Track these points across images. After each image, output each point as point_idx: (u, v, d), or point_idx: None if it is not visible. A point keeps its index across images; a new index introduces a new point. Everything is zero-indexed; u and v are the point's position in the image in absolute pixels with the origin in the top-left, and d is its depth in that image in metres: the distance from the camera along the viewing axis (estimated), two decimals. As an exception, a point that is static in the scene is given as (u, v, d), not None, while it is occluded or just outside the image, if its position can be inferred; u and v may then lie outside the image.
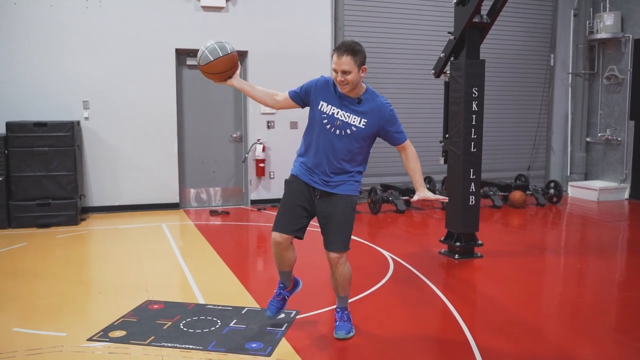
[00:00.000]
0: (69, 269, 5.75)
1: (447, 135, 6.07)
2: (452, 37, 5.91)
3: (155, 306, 4.45)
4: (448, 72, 6.05)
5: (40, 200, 7.56)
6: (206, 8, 8.76)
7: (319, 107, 3.66)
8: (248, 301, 4.64)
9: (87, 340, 3.81)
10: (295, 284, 4.16)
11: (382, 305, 4.62)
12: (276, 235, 3.70)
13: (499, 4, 5.78)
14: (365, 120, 3.61)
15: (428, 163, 9.84)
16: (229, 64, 3.63)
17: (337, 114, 3.60)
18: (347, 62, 3.47)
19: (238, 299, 4.68)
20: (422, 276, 5.35)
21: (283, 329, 3.99)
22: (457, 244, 5.99)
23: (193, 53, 8.81)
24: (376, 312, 4.45)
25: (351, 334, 3.89)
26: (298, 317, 4.25)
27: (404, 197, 8.86)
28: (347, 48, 3.52)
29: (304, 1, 9.26)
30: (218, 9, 8.82)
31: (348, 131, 3.60)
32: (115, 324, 4.08)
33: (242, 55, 9.15)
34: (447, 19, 9.24)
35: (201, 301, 4.61)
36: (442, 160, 6.20)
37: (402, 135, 3.79)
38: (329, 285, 5.28)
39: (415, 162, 3.87)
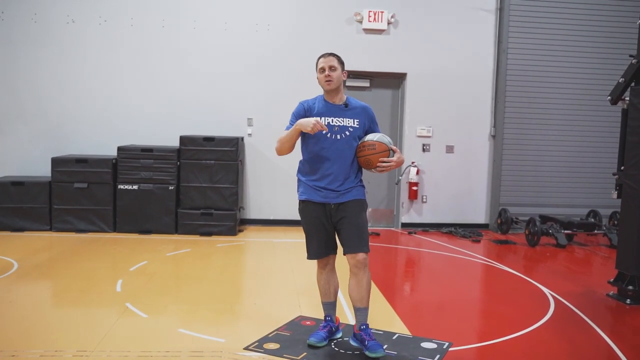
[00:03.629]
0: (228, 277, 6.04)
1: (622, 168, 5.57)
2: (634, 61, 5.44)
3: (307, 322, 4.49)
4: (627, 98, 5.57)
5: (204, 210, 8.05)
6: (368, 31, 8.90)
7: None
8: (398, 326, 4.53)
9: (243, 348, 3.93)
10: (338, 328, 4.22)
11: (544, 346, 4.29)
12: (318, 263, 4.08)
13: (692, 25, 5.25)
14: (358, 120, 3.93)
15: (597, 196, 9.21)
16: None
17: (332, 122, 3.88)
18: (332, 60, 3.90)
19: (388, 324, 4.59)
20: (587, 319, 4.92)
21: (435, 359, 3.85)
22: (630, 287, 5.44)
23: (353, 74, 8.94)
24: (537, 354, 4.14)
25: (384, 351, 3.83)
26: (450, 349, 4.08)
27: (566, 231, 8.28)
28: (330, 52, 3.99)
29: (466, 23, 9.09)
30: (379, 31, 8.92)
31: (347, 132, 3.88)
32: (270, 336, 4.17)
33: (401, 77, 9.15)
34: (627, 41, 8.60)
35: (352, 322, 4.58)
36: (615, 194, 5.69)
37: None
38: (483, 319, 5.08)
39: None
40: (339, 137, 3.86)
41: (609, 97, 5.84)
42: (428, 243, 8.23)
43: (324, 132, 3.83)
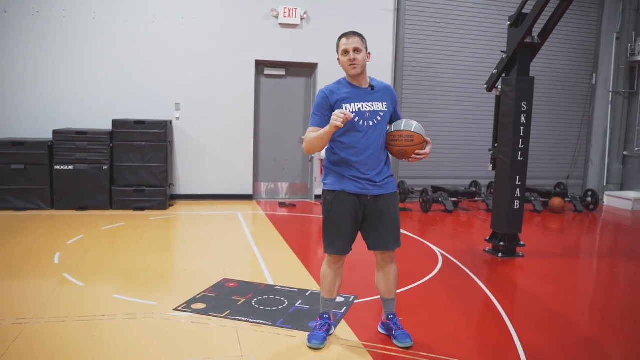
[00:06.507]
0: (159, 246, 5.89)
1: (496, 145, 5.85)
2: (504, 56, 5.69)
3: (231, 284, 4.47)
4: (499, 87, 5.83)
5: (136, 187, 7.77)
6: (283, 25, 8.79)
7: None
8: (311, 285, 4.59)
9: (173, 309, 3.86)
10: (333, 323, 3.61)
11: (432, 295, 4.50)
12: (333, 258, 3.36)
13: (549, 26, 5.52)
14: (386, 103, 3.27)
15: (477, 169, 9.65)
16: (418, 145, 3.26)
17: (362, 107, 3.20)
18: (356, 41, 3.26)
19: (303, 282, 4.64)
20: (468, 271, 5.18)
21: (342, 311, 3.94)
22: (501, 243, 5.77)
23: (270, 64, 8.87)
24: (425, 301, 4.33)
25: (411, 341, 3.41)
26: (356, 301, 4.18)
27: (453, 199, 8.65)
28: (353, 31, 3.32)
29: (368, 21, 9.12)
30: (293, 26, 8.83)
31: (378, 118, 3.22)
32: (197, 297, 4.12)
33: (313, 67, 9.13)
34: (499, 39, 8.98)
35: (270, 282, 4.61)
36: (490, 167, 5.98)
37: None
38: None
39: None
40: (371, 123, 3.20)
41: (485, 86, 6.10)
42: (338, 212, 8.32)
43: (356, 119, 3.18)
